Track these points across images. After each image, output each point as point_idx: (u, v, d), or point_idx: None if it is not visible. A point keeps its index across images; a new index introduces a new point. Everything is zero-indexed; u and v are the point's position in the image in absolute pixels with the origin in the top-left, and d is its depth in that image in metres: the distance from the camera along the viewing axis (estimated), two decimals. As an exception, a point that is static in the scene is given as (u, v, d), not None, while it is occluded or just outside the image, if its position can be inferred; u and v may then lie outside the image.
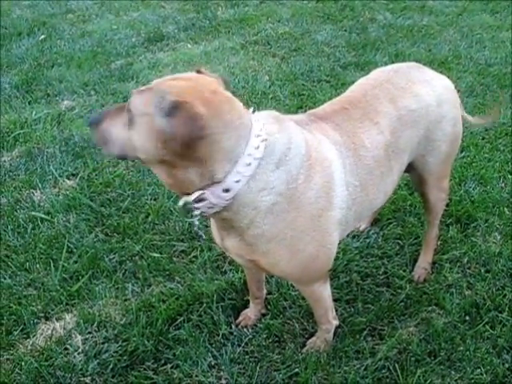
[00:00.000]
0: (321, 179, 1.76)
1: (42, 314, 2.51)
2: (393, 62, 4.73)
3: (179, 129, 1.45)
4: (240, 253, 1.87)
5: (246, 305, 2.49)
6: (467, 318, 2.41)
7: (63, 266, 2.73)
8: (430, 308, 2.48)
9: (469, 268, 2.67)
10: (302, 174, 1.71)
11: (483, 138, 3.66)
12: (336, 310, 2.37)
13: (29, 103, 4.38)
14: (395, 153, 2.06)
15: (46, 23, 6.12)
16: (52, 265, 2.74)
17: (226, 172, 1.57)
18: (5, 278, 2.70)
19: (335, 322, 2.26)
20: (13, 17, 6.41)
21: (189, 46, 5.34)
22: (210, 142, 1.52)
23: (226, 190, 1.60)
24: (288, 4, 6.41)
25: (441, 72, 4.71)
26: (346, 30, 5.55)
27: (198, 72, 1.71)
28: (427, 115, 2.13)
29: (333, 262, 2.02)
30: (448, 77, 4.56)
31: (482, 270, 2.65)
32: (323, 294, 2.12)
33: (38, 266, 2.75)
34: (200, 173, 1.57)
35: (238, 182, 1.59)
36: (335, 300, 2.47)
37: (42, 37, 5.74)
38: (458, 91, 4.21)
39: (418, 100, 2.11)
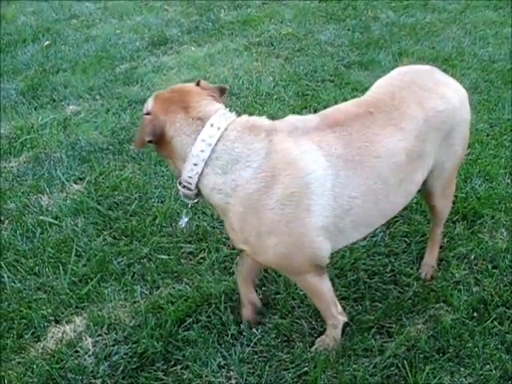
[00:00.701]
0: (285, 189, 1.84)
1: (52, 318, 2.53)
2: (396, 61, 4.79)
3: (140, 128, 1.97)
4: (234, 239, 2.08)
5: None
6: (475, 314, 2.41)
7: (72, 269, 2.75)
8: (437, 305, 2.48)
9: (476, 264, 2.67)
10: (254, 184, 1.85)
11: (488, 135, 3.66)
12: (344, 308, 2.38)
13: (35, 109, 4.41)
14: (420, 156, 2.08)
15: (51, 29, 6.16)
16: (61, 268, 2.77)
17: (183, 168, 1.91)
18: (14, 283, 2.72)
19: (342, 319, 2.26)
20: (17, 23, 6.46)
21: (192, 48, 5.36)
22: (168, 144, 1.92)
23: (188, 183, 1.92)
24: (290, 4, 6.42)
25: (444, 69, 4.73)
26: (349, 30, 5.55)
27: (198, 84, 2.03)
28: (453, 117, 2.15)
29: (327, 261, 2.06)
30: (452, 74, 4.59)
31: (490, 267, 2.65)
32: (318, 286, 2.14)
33: (47, 269, 2.78)
34: (173, 166, 1.99)
35: (190, 177, 1.90)
36: (343, 298, 2.49)
37: (47, 43, 5.78)
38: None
39: (445, 101, 2.13)
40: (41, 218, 3.10)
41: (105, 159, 3.61)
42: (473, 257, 2.70)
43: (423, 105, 2.07)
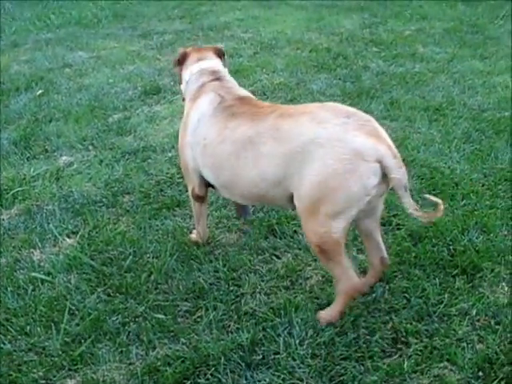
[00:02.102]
0: (187, 110, 2.92)
1: (44, 381, 2.43)
2: (388, 110, 4.84)
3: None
4: None
5: (252, 364, 2.43)
6: (480, 373, 2.35)
7: (65, 328, 2.66)
8: (441, 364, 2.42)
9: (478, 320, 2.63)
10: (187, 97, 3.03)
11: (483, 185, 3.67)
12: (345, 369, 2.33)
13: (27, 159, 4.38)
14: (256, 151, 2.47)
15: (44, 78, 6.20)
16: (53, 328, 2.68)
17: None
18: (4, 344, 2.62)
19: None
20: (11, 72, 6.50)
21: (185, 98, 5.39)
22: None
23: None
24: (282, 54, 6.54)
25: (436, 119, 4.78)
26: (340, 79, 5.64)
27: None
28: (297, 145, 2.33)
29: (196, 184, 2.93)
30: (444, 124, 4.62)
31: (492, 322, 2.60)
32: (193, 203, 3.08)
33: (38, 329, 2.68)
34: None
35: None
36: (344, 358, 2.43)
37: (40, 92, 5.79)
38: (454, 138, 4.29)
39: (294, 126, 2.37)
40: (33, 274, 3.02)
41: (98, 212, 3.56)
42: (474, 312, 2.65)
43: (281, 118, 2.43)
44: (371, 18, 8.12)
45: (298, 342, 2.51)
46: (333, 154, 2.24)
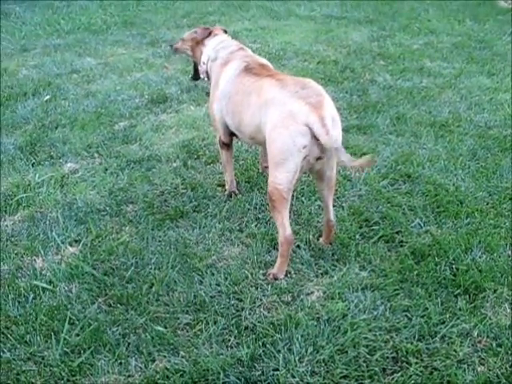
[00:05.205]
0: (222, 72, 3.50)
1: (42, 392, 2.43)
2: (394, 125, 4.83)
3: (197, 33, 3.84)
4: None
5: (251, 380, 2.42)
6: (481, 397, 2.34)
7: (65, 338, 2.66)
8: (441, 386, 2.41)
9: (479, 342, 2.61)
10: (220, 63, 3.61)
11: (487, 204, 3.66)
12: (345, 388, 2.31)
13: (32, 165, 4.38)
14: (250, 101, 3.13)
15: (51, 83, 6.22)
16: (53, 337, 2.67)
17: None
18: (3, 352, 2.62)
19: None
20: (19, 77, 6.53)
21: (192, 107, 5.40)
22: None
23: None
24: (289, 65, 6.55)
25: (442, 135, 4.76)
26: (347, 92, 5.64)
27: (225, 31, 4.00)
28: (263, 98, 2.99)
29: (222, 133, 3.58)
30: (450, 140, 4.60)
31: (494, 344, 2.58)
32: (220, 151, 3.75)
33: (38, 338, 2.68)
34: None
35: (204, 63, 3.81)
36: (344, 377, 2.42)
37: (47, 97, 5.81)
38: (460, 155, 4.27)
39: (268, 87, 3.00)
40: (34, 282, 3.02)
41: (102, 221, 3.56)
42: (476, 333, 2.64)
43: (268, 79, 3.06)
44: (379, 31, 8.14)
45: (297, 358, 2.50)
46: (277, 111, 2.84)
